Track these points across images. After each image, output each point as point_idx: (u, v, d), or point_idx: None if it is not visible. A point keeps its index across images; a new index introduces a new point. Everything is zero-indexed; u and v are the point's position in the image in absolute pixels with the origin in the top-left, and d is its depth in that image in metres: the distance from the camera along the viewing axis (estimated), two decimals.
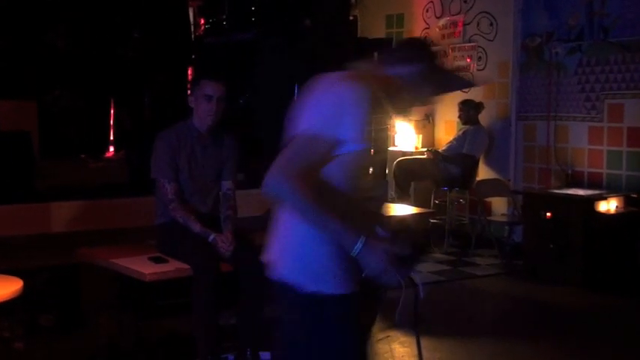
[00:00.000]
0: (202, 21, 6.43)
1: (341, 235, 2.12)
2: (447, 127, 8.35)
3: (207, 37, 6.11)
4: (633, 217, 6.33)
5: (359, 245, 2.10)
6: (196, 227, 4.09)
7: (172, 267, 4.01)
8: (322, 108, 2.15)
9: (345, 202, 2.18)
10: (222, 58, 5.88)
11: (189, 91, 4.41)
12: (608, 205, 6.28)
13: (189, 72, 5.74)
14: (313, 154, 2.11)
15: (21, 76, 5.37)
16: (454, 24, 8.35)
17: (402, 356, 4.62)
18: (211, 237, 4.08)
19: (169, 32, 5.30)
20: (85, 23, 5.23)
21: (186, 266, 3.98)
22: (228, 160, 4.37)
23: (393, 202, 6.23)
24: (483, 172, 7.80)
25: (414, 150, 8.41)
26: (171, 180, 4.17)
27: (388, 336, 4.95)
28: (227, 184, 4.36)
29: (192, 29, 6.05)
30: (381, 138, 6.30)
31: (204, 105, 4.18)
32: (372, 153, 2.30)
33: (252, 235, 4.45)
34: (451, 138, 8.00)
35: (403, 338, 4.89)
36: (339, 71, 2.26)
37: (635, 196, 6.39)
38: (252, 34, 5.99)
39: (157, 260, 4.07)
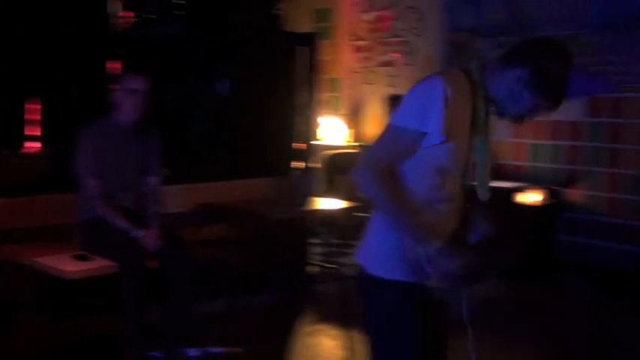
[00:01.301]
0: (128, 14, 6.31)
1: (411, 233, 2.18)
2: (375, 122, 8.41)
3: (134, 30, 6.02)
4: (554, 208, 6.51)
5: (425, 249, 2.15)
6: (122, 223, 4.04)
7: (97, 265, 3.95)
8: (408, 101, 2.21)
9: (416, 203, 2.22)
10: (148, 52, 5.80)
11: (113, 86, 4.33)
12: (531, 197, 6.43)
13: (115, 66, 5.64)
14: (397, 146, 2.20)
15: None
16: (382, 19, 8.42)
17: (332, 350, 4.64)
18: (137, 233, 4.02)
19: (88, 26, 5.19)
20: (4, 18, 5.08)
21: (111, 264, 3.92)
22: (152, 155, 4.32)
23: (322, 196, 6.24)
24: None
25: (343, 144, 8.44)
26: (95, 176, 4.10)
27: (317, 329, 4.97)
28: (152, 180, 4.31)
29: (117, 23, 5.96)
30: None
31: (128, 99, 4.13)
32: (461, 152, 2.25)
33: (179, 231, 4.41)
34: (379, 132, 8.05)
35: (332, 332, 4.91)
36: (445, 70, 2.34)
37: (556, 188, 6.57)
38: (179, 27, 5.93)
39: (81, 258, 4.00)
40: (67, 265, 3.89)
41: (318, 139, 8.34)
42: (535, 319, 5.36)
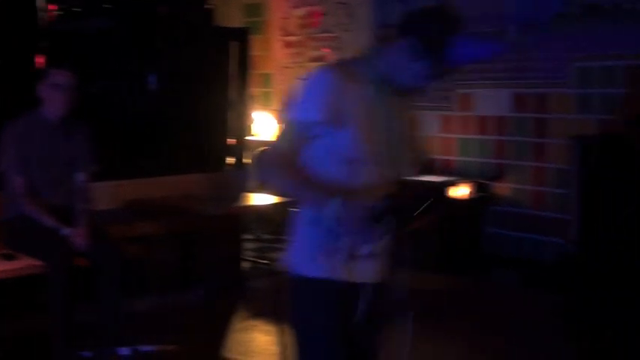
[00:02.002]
0: (53, 7, 6.17)
1: (318, 197, 2.20)
2: None
3: (59, 24, 5.89)
4: (482, 201, 6.63)
5: (336, 203, 2.14)
6: (49, 221, 3.96)
7: (23, 264, 3.86)
8: (299, 94, 2.25)
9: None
10: (74, 46, 5.69)
11: (38, 81, 4.24)
12: (460, 191, 6.54)
13: (40, 60, 5.52)
14: (288, 137, 2.25)
15: None
16: (312, 14, 8.43)
17: (264, 345, 4.65)
18: (65, 231, 3.95)
19: (14, 19, 5.06)
20: None
21: (38, 263, 3.84)
22: (81, 151, 4.24)
23: (252, 192, 6.23)
24: None
25: (275, 139, 8.43)
26: (21, 172, 4.01)
27: (251, 325, 4.96)
28: (81, 176, 4.24)
29: (43, 16, 5.82)
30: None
31: (54, 95, 4.05)
32: (362, 137, 2.24)
33: (109, 228, 4.35)
34: None
35: (265, 327, 4.92)
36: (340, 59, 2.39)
37: (483, 181, 6.69)
38: (106, 21, 5.83)
39: (7, 257, 3.90)
40: None
41: (252, 135, 8.32)
42: (464, 311, 5.45)
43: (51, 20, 5.53)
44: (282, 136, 2.29)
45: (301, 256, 2.33)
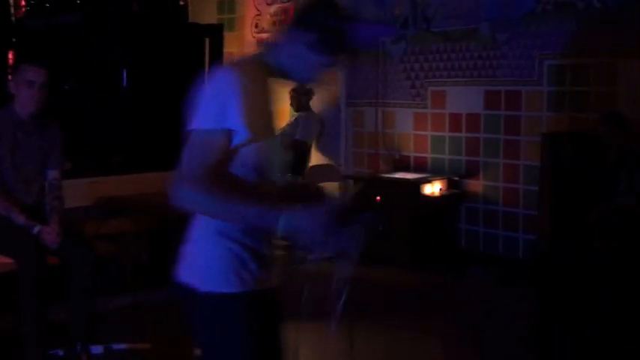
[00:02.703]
0: (23, 2, 6.10)
1: (262, 218, 2.03)
2: (280, 114, 8.39)
3: (29, 19, 5.82)
4: (455, 198, 6.67)
5: (283, 220, 2.01)
6: (20, 219, 3.91)
7: None
8: (207, 101, 2.06)
9: (257, 187, 2.13)
10: (45, 41, 5.62)
11: (9, 77, 4.18)
12: (433, 188, 6.58)
13: (10, 56, 5.45)
14: (207, 151, 2.02)
15: None
16: (285, 11, 8.41)
17: None
18: (36, 229, 3.90)
19: None
20: None
21: (8, 260, 3.79)
22: (52, 148, 4.19)
23: None
24: (315, 158, 7.94)
25: None
26: None
27: None
28: (52, 174, 4.19)
29: (12, 11, 5.75)
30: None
31: (25, 91, 3.99)
32: (277, 141, 2.20)
33: (80, 225, 4.31)
34: (284, 124, 8.08)
35: None
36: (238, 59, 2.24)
37: (456, 178, 6.73)
38: (78, 16, 5.76)
39: None
40: None
41: None
42: (439, 308, 5.48)
43: (22, 15, 5.47)
44: (196, 152, 2.03)
45: (215, 271, 2.15)
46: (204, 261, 2.17)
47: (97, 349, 4.09)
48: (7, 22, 5.17)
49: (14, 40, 5.44)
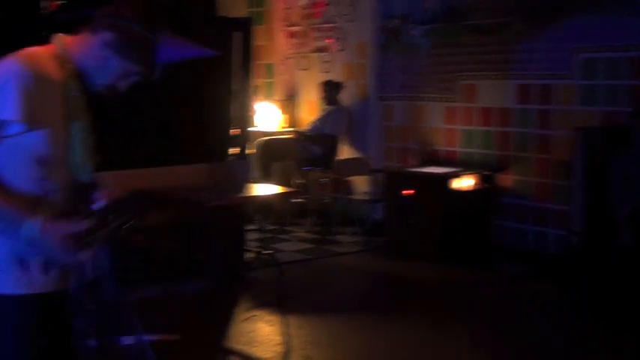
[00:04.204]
0: None
1: (9, 219, 1.97)
2: (310, 108, 8.42)
3: (60, 13, 5.86)
4: (485, 193, 6.63)
5: (29, 227, 1.96)
6: None
7: None
8: None
9: (13, 191, 2.02)
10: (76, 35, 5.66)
11: None
12: (463, 182, 6.54)
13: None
14: None
15: None
16: (315, 4, 8.41)
17: (268, 335, 4.65)
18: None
19: (14, 6, 5.04)
20: None
21: None
22: None
23: (256, 182, 6.23)
24: (345, 152, 7.94)
25: (277, 130, 8.44)
26: None
27: (253, 315, 4.96)
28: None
29: (44, 5, 5.79)
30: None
31: None
32: (72, 133, 2.11)
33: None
34: (314, 118, 8.08)
35: (268, 317, 4.92)
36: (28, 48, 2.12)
37: (487, 173, 6.69)
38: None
39: None
40: None
41: (254, 125, 8.32)
42: (468, 303, 5.46)
43: (52, 10, 5.51)
44: None
45: None
46: None
47: (129, 339, 4.12)
48: (37, 16, 5.20)
49: (45, 34, 5.48)
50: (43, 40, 2.19)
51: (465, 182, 6.54)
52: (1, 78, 1.99)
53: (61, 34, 2.16)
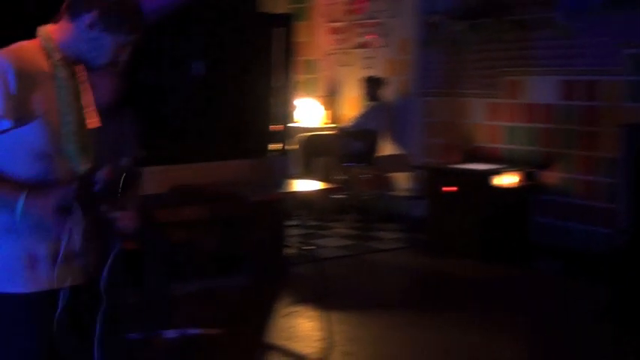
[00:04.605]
0: None
1: (16, 202, 1.99)
2: (352, 104, 8.41)
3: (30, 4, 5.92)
4: (529, 190, 6.55)
5: (19, 203, 1.98)
6: None
7: None
8: None
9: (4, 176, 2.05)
10: None
11: None
12: (506, 179, 6.47)
13: None
14: None
15: None
16: (358, 0, 8.39)
17: (308, 331, 4.65)
18: (113, 215, 3.97)
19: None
20: None
21: None
22: (127, 136, 4.27)
23: (298, 178, 6.23)
24: (387, 148, 7.91)
25: (319, 126, 8.44)
26: None
27: (294, 311, 4.97)
28: (127, 161, 4.25)
29: None
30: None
31: (101, 80, 4.06)
32: (67, 127, 2.12)
33: (155, 212, 4.38)
34: (356, 114, 8.07)
35: (309, 313, 4.92)
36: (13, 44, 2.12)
37: (530, 170, 6.61)
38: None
39: None
40: None
41: (294, 121, 8.33)
42: (510, 301, 5.40)
43: None
44: None
45: (2, 271, 2.07)
46: None
47: (172, 333, 4.16)
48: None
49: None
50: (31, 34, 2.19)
51: (507, 179, 6.47)
52: None
53: (44, 26, 2.16)
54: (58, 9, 2.17)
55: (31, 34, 2.16)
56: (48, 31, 2.14)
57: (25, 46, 2.10)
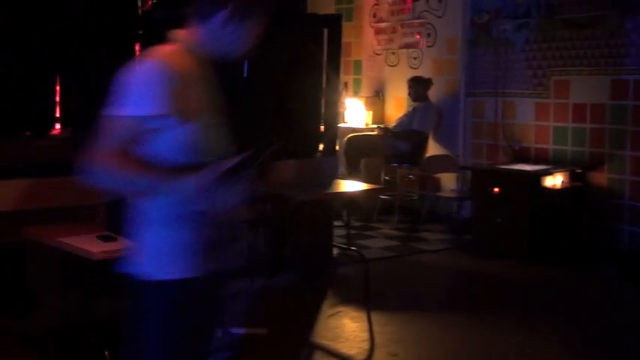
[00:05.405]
0: None
1: (170, 184, 2.07)
2: (397, 104, 8.39)
3: (155, 11, 6.00)
4: (577, 191, 6.47)
5: (189, 182, 2.05)
6: None
7: (122, 245, 3.96)
8: (123, 89, 2.09)
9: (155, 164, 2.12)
10: (170, 33, 5.77)
11: None
12: (554, 180, 6.40)
13: (137, 48, 5.65)
14: (112, 137, 2.07)
15: None
16: (404, 0, 8.36)
17: (353, 331, 4.66)
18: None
19: (114, 6, 5.19)
20: None
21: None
22: None
23: (343, 178, 6.24)
24: (433, 149, 7.87)
25: (364, 126, 8.44)
26: None
27: (339, 312, 4.98)
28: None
29: (140, 4, 5.94)
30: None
31: None
32: (210, 124, 2.21)
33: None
34: (401, 114, 8.05)
35: (354, 314, 4.93)
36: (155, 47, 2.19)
37: (579, 171, 6.52)
38: None
39: (106, 239, 4.02)
40: (91, 246, 3.91)
41: (343, 122, 8.35)
42: (558, 303, 5.34)
43: (147, 8, 5.65)
44: (103, 136, 2.08)
45: (158, 260, 2.17)
46: (146, 250, 2.18)
47: (218, 332, 4.19)
48: (133, 15, 5.35)
49: (141, 32, 5.63)
50: (140, 38, 2.27)
51: (555, 180, 6.39)
52: (145, 75, 2.08)
53: (174, 31, 2.24)
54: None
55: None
56: (182, 35, 2.23)
57: (169, 49, 2.18)
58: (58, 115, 5.57)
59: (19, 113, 5.06)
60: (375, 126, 8.27)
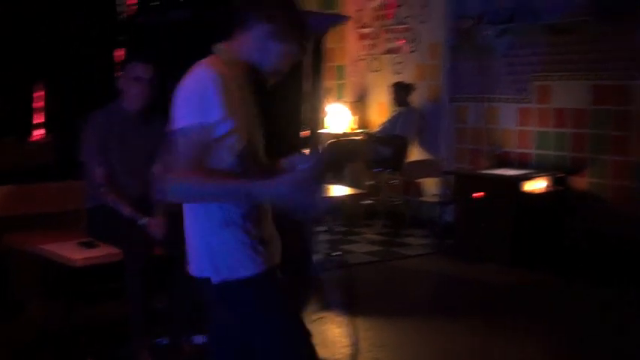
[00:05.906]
0: (132, 1, 6.28)
1: (254, 191, 2.15)
2: (380, 109, 8.41)
3: (139, 16, 5.98)
4: (559, 195, 6.51)
5: (264, 190, 2.14)
6: (126, 211, 4.05)
7: (103, 252, 3.96)
8: (183, 102, 2.18)
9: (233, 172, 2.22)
10: (155, 38, 5.75)
11: (118, 73, 4.34)
12: (536, 185, 6.43)
13: (120, 54, 5.63)
14: (189, 147, 2.14)
15: None
16: (387, 5, 8.39)
17: (336, 336, 4.66)
18: (142, 220, 4.03)
19: (93, 11, 5.18)
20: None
21: (117, 251, 3.93)
22: (159, 142, 4.30)
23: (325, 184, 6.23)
24: (416, 154, 7.89)
25: (348, 131, 8.45)
26: (101, 163, 4.11)
27: (323, 317, 4.98)
28: (158, 167, 4.30)
29: (122, 9, 5.92)
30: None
31: (133, 87, 4.13)
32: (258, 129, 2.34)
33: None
34: (384, 120, 8.07)
35: (337, 319, 4.92)
36: (201, 60, 2.28)
37: (562, 175, 6.56)
38: (189, 12, 5.87)
39: (88, 245, 4.01)
40: (73, 253, 3.90)
41: (325, 127, 8.35)
42: (538, 308, 5.37)
43: (130, 14, 5.63)
44: (180, 151, 2.15)
45: (233, 259, 2.25)
46: (214, 252, 2.26)
47: (200, 338, 4.19)
48: (113, 21, 5.34)
49: (123, 38, 5.61)
50: (123, 44, 2.33)
51: (537, 185, 6.43)
52: (203, 85, 2.15)
53: (218, 44, 2.34)
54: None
55: None
56: (226, 47, 2.33)
57: (215, 60, 2.26)
58: (42, 120, 5.55)
59: (1, 118, 5.04)
60: (360, 131, 8.28)
